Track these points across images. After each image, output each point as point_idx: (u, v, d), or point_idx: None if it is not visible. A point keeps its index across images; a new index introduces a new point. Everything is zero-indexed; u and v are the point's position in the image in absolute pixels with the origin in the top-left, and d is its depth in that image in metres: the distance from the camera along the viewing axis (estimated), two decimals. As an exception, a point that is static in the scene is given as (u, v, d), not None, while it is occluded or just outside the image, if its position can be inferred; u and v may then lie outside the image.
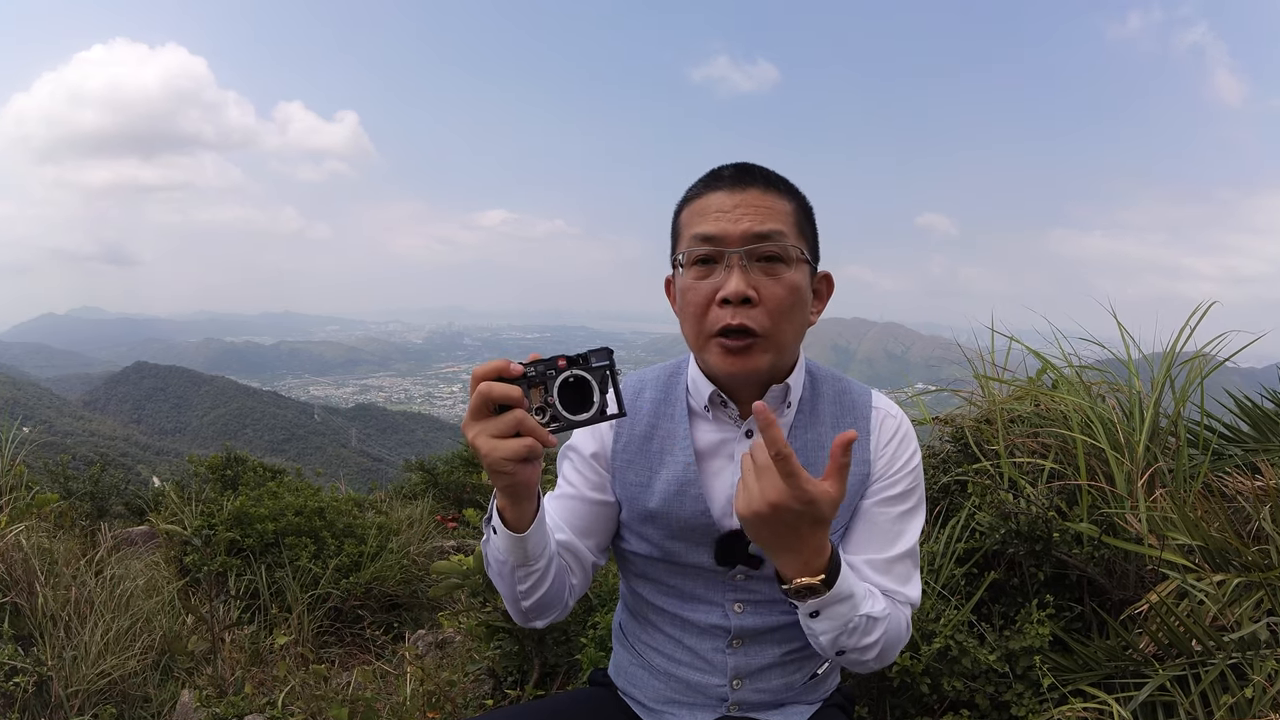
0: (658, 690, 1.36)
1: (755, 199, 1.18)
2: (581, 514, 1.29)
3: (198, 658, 2.96)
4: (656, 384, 1.33)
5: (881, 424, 1.30)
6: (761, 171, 1.22)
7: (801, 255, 1.20)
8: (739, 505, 1.06)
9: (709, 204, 1.20)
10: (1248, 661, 1.77)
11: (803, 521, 1.03)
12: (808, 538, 1.05)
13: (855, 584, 1.14)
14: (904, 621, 1.23)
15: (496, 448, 1.00)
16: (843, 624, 1.13)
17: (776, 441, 1.00)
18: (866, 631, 1.15)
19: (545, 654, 2.48)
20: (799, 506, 1.01)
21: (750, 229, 1.16)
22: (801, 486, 1.01)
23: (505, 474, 1.02)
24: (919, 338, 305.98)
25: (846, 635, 1.14)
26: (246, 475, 5.53)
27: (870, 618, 1.15)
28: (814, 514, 1.03)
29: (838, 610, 1.12)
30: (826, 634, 1.14)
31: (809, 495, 1.01)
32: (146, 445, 69.48)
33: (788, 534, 1.05)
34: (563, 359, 1.04)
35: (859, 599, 1.14)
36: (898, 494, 1.27)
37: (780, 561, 1.08)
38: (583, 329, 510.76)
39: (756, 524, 1.05)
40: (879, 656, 1.19)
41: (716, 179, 1.22)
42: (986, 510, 2.26)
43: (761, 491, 1.02)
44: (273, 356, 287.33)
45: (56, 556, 2.98)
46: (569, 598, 1.27)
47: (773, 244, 1.17)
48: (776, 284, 1.17)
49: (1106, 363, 2.85)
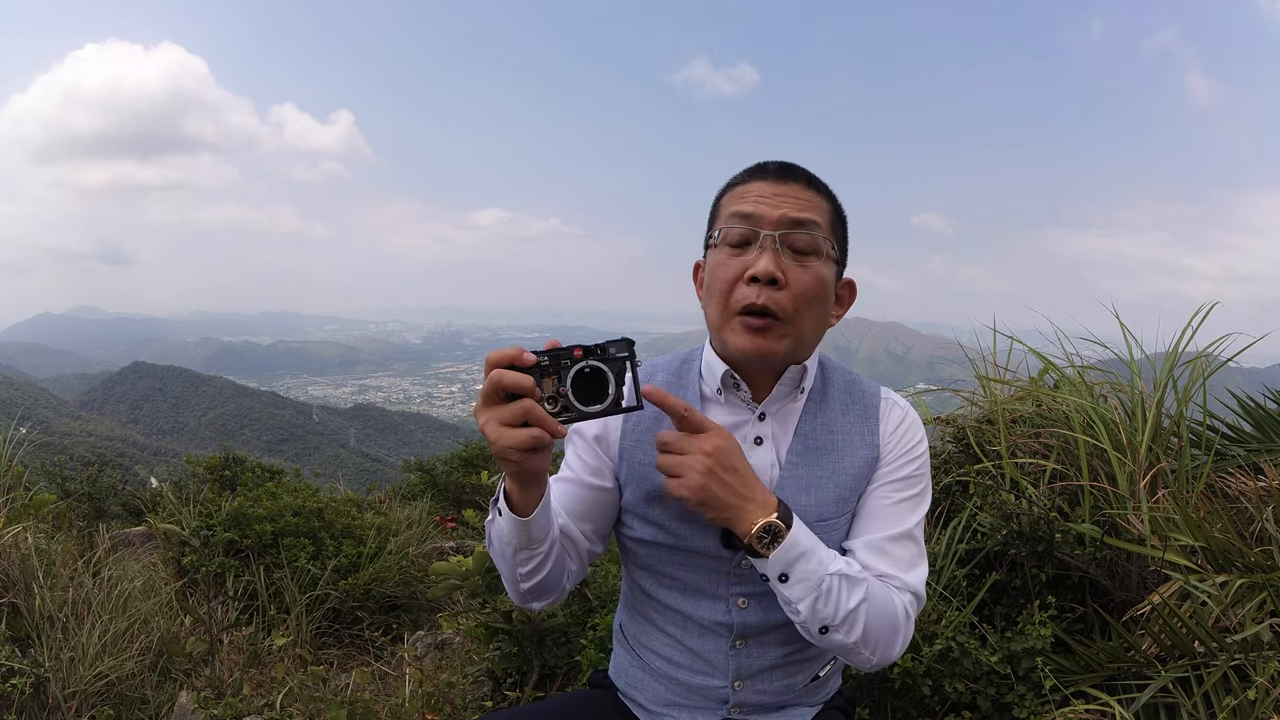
0: (658, 693, 1.35)
1: (796, 192, 1.22)
2: (578, 498, 1.30)
3: (196, 659, 2.95)
4: (669, 369, 1.35)
5: (889, 412, 1.31)
6: (804, 170, 1.25)
7: (833, 251, 1.23)
8: (688, 487, 1.11)
9: (750, 190, 1.23)
10: (1251, 663, 1.77)
11: (736, 457, 1.13)
12: (748, 476, 1.14)
13: (817, 541, 1.17)
14: (897, 605, 1.20)
15: (503, 435, 1.01)
16: (815, 586, 1.14)
17: (676, 403, 1.12)
18: (843, 596, 1.15)
19: (545, 655, 2.48)
20: (726, 441, 1.13)
21: (788, 214, 1.20)
22: (716, 424, 1.15)
23: (512, 462, 1.04)
24: (920, 337, 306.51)
25: (823, 601, 1.14)
26: (245, 476, 5.52)
27: (844, 576, 1.16)
28: (735, 445, 1.14)
29: (805, 568, 1.14)
30: (803, 600, 1.14)
31: (725, 431, 1.14)
32: (144, 445, 69.41)
33: (734, 478, 1.12)
34: (579, 349, 1.04)
35: (825, 556, 1.16)
36: (901, 478, 1.28)
37: (740, 514, 1.13)
38: (582, 329, 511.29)
39: (707, 483, 1.11)
40: (867, 638, 1.17)
41: (761, 170, 1.25)
42: (988, 511, 2.26)
43: (697, 447, 1.12)
44: (271, 356, 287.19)
45: (54, 557, 2.97)
46: (567, 583, 1.28)
47: (806, 233, 1.20)
48: (805, 272, 1.19)
49: (1108, 363, 2.84)
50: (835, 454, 1.27)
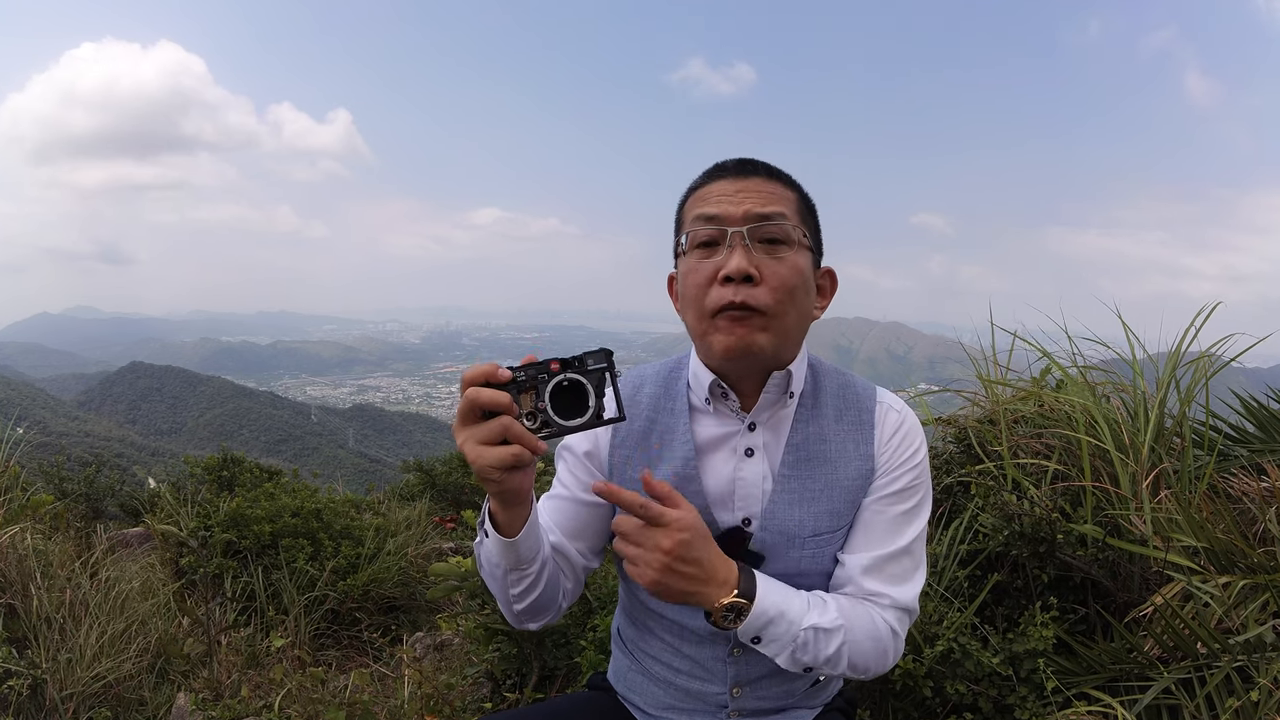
0: (657, 697, 1.34)
1: (758, 185, 1.19)
2: (572, 515, 1.28)
3: (194, 660, 2.94)
4: (656, 379, 1.31)
5: (885, 418, 1.27)
6: (764, 164, 1.22)
7: (804, 239, 1.20)
8: (644, 580, 1.09)
9: (711, 190, 1.20)
10: (1254, 664, 1.76)
11: (696, 547, 1.09)
12: (709, 561, 1.10)
13: (787, 599, 1.15)
14: (881, 626, 1.20)
15: (482, 454, 0.99)
16: (790, 642, 1.14)
17: (632, 499, 1.08)
18: (820, 645, 1.15)
19: (544, 657, 2.47)
20: (686, 533, 1.08)
21: (752, 209, 1.16)
22: (676, 515, 1.08)
23: (493, 481, 1.02)
24: (922, 337, 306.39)
25: (801, 652, 1.14)
26: (243, 476, 5.51)
27: (818, 629, 1.15)
28: (701, 529, 1.10)
29: (775, 631, 1.13)
30: (780, 655, 1.14)
31: (686, 519, 1.09)
32: (142, 446, 69.26)
33: (694, 568, 1.09)
34: (555, 363, 1.01)
35: (795, 614, 1.14)
36: (898, 490, 1.24)
37: (701, 599, 1.10)
38: (582, 329, 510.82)
39: (662, 579, 1.08)
40: (854, 666, 1.18)
41: (720, 170, 1.22)
42: (990, 512, 2.25)
43: (653, 544, 1.08)
44: (269, 356, 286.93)
45: (51, 558, 2.96)
46: (562, 601, 1.26)
47: (775, 225, 1.17)
48: (780, 264, 1.16)
49: (1111, 362, 2.84)
50: (829, 465, 1.24)
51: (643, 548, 1.09)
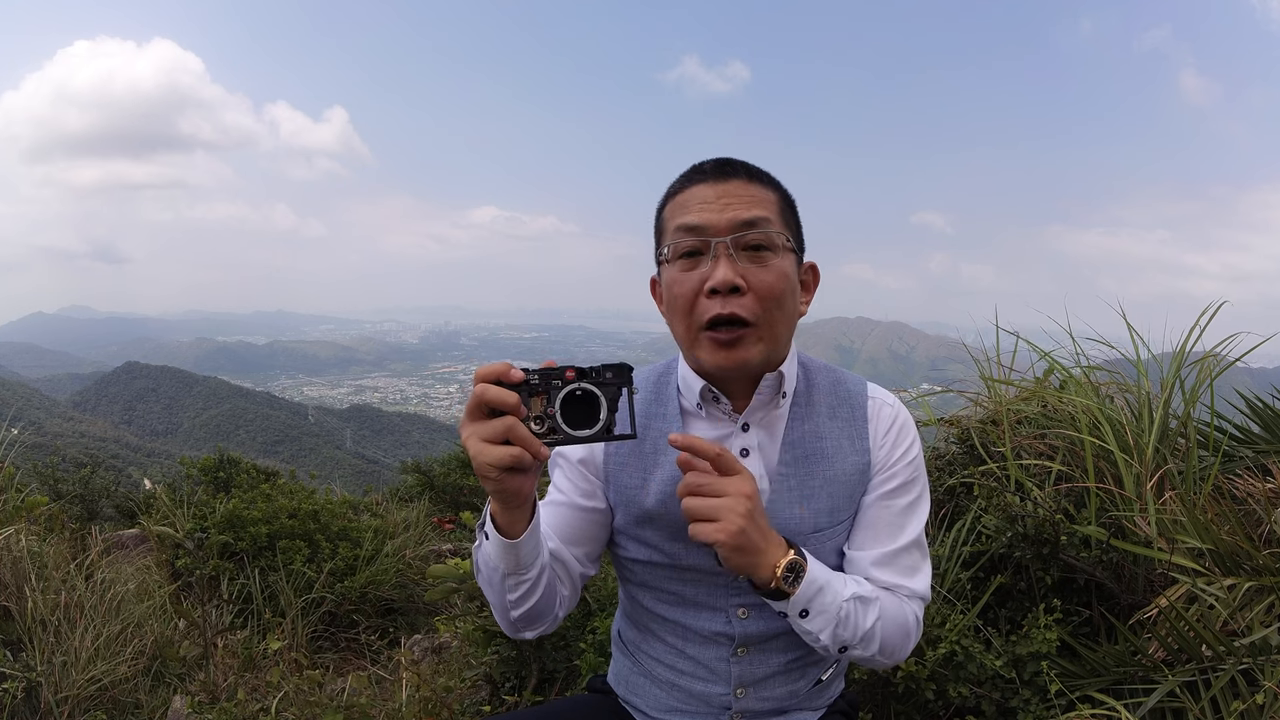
0: (660, 699, 1.33)
1: (739, 189, 1.18)
2: (571, 521, 1.27)
3: (190, 663, 2.93)
4: (647, 385, 1.31)
5: (878, 414, 1.28)
6: (743, 164, 1.21)
7: (788, 243, 1.19)
8: (727, 532, 1.06)
9: (691, 196, 1.19)
10: (1259, 667, 1.75)
11: (759, 508, 1.09)
12: (766, 528, 1.10)
13: (827, 570, 1.16)
14: (909, 615, 1.23)
15: (483, 451, 0.98)
16: (835, 614, 1.14)
17: (708, 447, 1.06)
18: (860, 618, 1.16)
19: (543, 659, 2.46)
20: (756, 485, 1.09)
21: (736, 217, 1.15)
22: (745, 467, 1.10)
23: (490, 480, 1.01)
24: (924, 337, 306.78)
25: (842, 626, 1.15)
26: (239, 477, 5.48)
27: (860, 598, 1.16)
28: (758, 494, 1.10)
29: (823, 601, 1.13)
30: (824, 630, 1.14)
31: (749, 472, 1.10)
32: (137, 447, 69.10)
33: (765, 522, 1.10)
34: (571, 370, 1.00)
35: (838, 584, 1.16)
36: (898, 486, 1.26)
37: (768, 556, 1.10)
38: (581, 328, 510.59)
39: (746, 528, 1.06)
40: (884, 647, 1.19)
41: (698, 173, 1.21)
42: (993, 513, 2.24)
43: (736, 489, 1.06)
44: (266, 356, 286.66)
45: (46, 560, 2.94)
46: (559, 609, 1.24)
47: (759, 231, 1.16)
48: (765, 271, 1.16)
49: (1115, 363, 2.83)
50: (825, 461, 1.25)
51: (727, 495, 1.06)
